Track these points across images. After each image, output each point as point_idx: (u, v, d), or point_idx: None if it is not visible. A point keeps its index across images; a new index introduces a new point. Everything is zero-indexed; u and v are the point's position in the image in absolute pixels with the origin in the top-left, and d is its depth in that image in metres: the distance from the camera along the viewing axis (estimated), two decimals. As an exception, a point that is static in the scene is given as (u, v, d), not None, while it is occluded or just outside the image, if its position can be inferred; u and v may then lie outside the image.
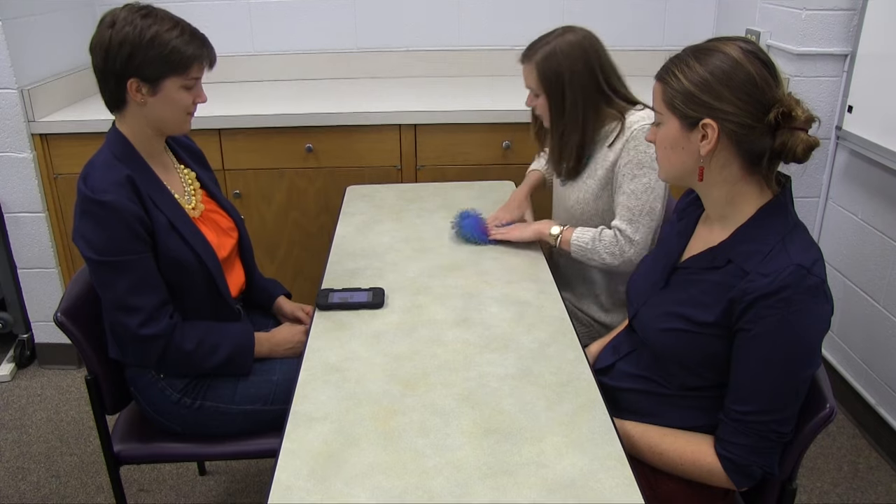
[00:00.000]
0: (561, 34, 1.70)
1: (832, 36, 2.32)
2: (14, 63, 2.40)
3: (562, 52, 1.68)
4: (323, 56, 3.09)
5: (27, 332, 2.76)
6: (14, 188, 2.53)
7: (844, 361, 2.43)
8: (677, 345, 1.23)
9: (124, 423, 1.64)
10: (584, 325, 1.88)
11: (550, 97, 1.72)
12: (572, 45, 1.68)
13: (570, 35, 1.70)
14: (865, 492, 2.09)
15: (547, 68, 1.69)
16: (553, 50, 1.68)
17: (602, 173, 1.74)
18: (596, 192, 1.76)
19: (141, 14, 1.38)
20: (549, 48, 1.69)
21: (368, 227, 1.94)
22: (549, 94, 1.72)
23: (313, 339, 1.42)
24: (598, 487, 1.03)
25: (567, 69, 1.67)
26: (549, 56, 1.68)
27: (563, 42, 1.69)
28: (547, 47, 1.69)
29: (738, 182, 1.17)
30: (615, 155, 1.70)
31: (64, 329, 1.48)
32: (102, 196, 1.36)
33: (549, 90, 1.71)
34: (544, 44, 1.71)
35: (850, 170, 2.36)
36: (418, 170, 2.61)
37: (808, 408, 1.15)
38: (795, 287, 1.07)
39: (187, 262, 1.47)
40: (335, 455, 1.10)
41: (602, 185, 1.75)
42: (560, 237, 1.77)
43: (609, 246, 1.69)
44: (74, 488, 2.15)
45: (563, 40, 1.69)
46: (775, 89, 1.11)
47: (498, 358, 1.34)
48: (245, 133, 2.54)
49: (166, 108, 1.44)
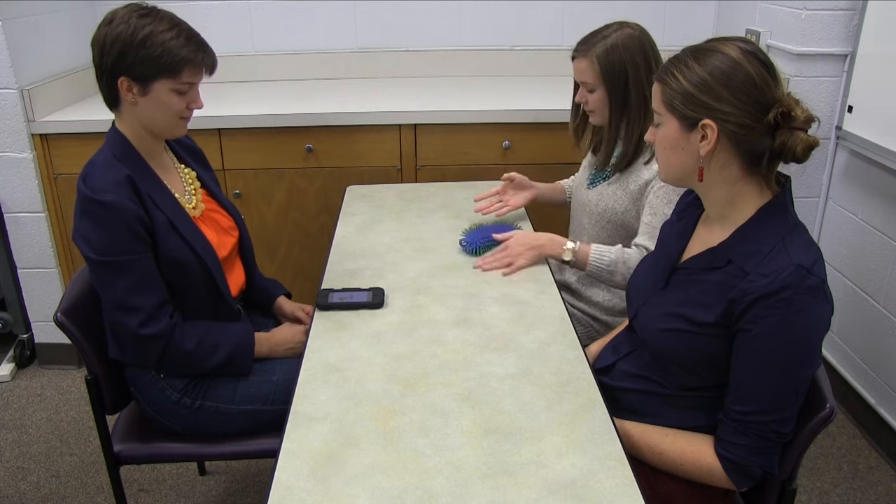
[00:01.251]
0: (618, 28, 1.69)
1: (832, 36, 2.32)
2: (14, 63, 2.40)
3: (623, 45, 1.67)
4: (323, 56, 3.10)
5: (27, 332, 2.76)
6: (14, 188, 2.53)
7: (844, 361, 2.43)
8: (677, 345, 1.23)
9: (124, 423, 1.64)
10: (584, 326, 1.88)
11: (612, 91, 1.70)
12: (633, 39, 1.68)
13: (627, 29, 1.69)
14: (865, 492, 2.09)
15: (609, 62, 1.68)
16: (614, 43, 1.67)
17: (634, 188, 1.72)
18: (626, 206, 1.75)
19: (139, 14, 1.38)
20: (608, 42, 1.68)
21: (368, 227, 1.94)
22: (611, 87, 1.70)
23: (313, 339, 1.42)
24: (598, 487, 1.03)
25: (629, 62, 1.67)
26: (610, 49, 1.67)
27: (623, 35, 1.68)
28: (606, 41, 1.68)
29: (738, 182, 1.17)
30: (651, 174, 1.69)
31: (64, 329, 1.48)
32: (102, 196, 1.36)
33: (612, 83, 1.69)
34: (601, 38, 1.69)
35: (850, 170, 2.36)
36: (418, 170, 2.61)
37: (808, 408, 1.15)
38: (795, 287, 1.07)
39: (187, 261, 1.47)
40: (335, 455, 1.10)
41: (632, 199, 1.73)
42: (575, 257, 1.68)
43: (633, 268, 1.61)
44: (74, 488, 2.15)
45: (622, 34, 1.68)
46: (774, 89, 1.11)
47: (498, 358, 1.34)
48: (245, 133, 2.54)
49: (156, 110, 1.43)
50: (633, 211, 1.74)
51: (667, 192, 1.64)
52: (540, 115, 2.53)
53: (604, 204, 1.80)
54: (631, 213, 1.75)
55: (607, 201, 1.79)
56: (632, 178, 1.74)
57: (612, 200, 1.78)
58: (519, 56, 3.10)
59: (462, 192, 2.19)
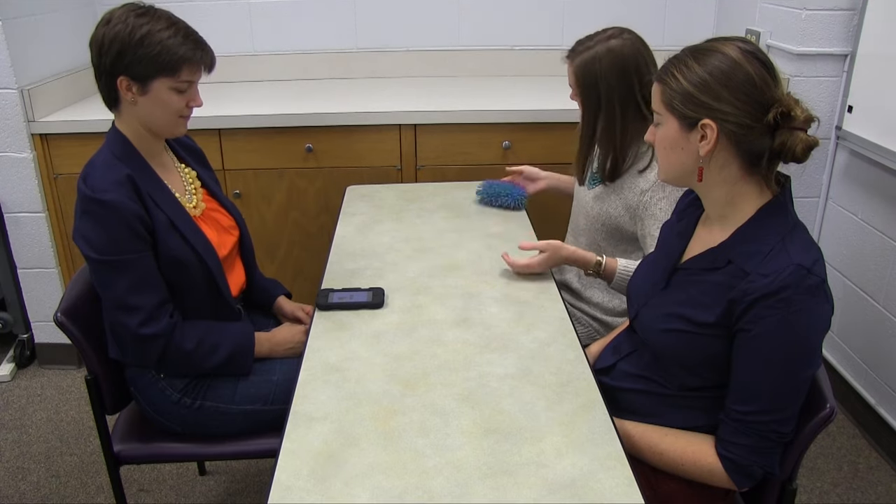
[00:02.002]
0: (606, 39, 1.66)
1: (832, 36, 2.32)
2: (14, 63, 2.40)
3: (601, 59, 1.64)
4: (323, 56, 3.09)
5: (27, 332, 2.76)
6: (14, 188, 2.53)
7: (844, 361, 2.43)
8: (678, 345, 1.23)
9: (124, 423, 1.64)
10: (584, 326, 1.88)
11: (584, 102, 1.70)
12: (613, 54, 1.63)
13: (614, 41, 1.65)
14: (865, 492, 2.09)
15: (584, 74, 1.67)
16: (593, 56, 1.64)
17: (631, 197, 1.71)
18: (620, 212, 1.74)
19: (137, 13, 1.38)
20: (589, 54, 1.65)
21: (368, 227, 1.94)
22: (584, 99, 1.70)
23: (313, 339, 1.42)
24: (598, 487, 1.03)
25: (603, 79, 1.64)
26: (588, 62, 1.65)
27: (604, 49, 1.64)
28: (588, 52, 1.66)
29: (738, 182, 1.17)
30: (647, 184, 1.67)
31: (64, 329, 1.48)
32: (103, 195, 1.36)
33: (584, 95, 1.69)
34: (587, 47, 1.67)
35: (850, 170, 2.36)
36: (418, 170, 2.61)
37: (808, 408, 1.15)
38: (795, 287, 1.07)
39: (188, 261, 1.47)
40: (335, 455, 1.10)
41: (626, 207, 1.72)
42: (604, 267, 1.65)
43: None
44: (74, 488, 2.15)
45: (605, 47, 1.64)
46: (774, 89, 1.11)
47: (498, 358, 1.34)
48: (245, 133, 2.54)
49: (156, 109, 1.43)
50: (626, 217, 1.74)
51: (670, 203, 1.62)
52: (540, 115, 2.53)
53: (598, 207, 1.80)
54: (624, 218, 1.74)
55: (602, 205, 1.79)
56: (626, 186, 1.73)
57: (607, 205, 1.78)
58: (519, 56, 3.10)
59: (462, 192, 2.19)
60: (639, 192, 1.69)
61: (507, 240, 1.85)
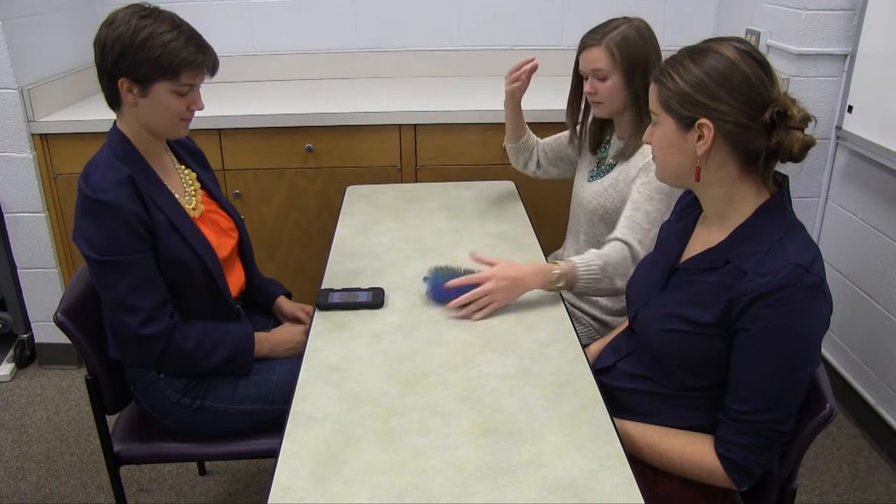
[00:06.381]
0: (626, 22, 1.71)
1: (832, 36, 2.32)
2: (14, 63, 2.40)
3: (638, 34, 1.69)
4: (323, 56, 3.09)
5: (27, 332, 2.76)
6: (14, 188, 2.53)
7: (844, 361, 2.43)
8: (677, 345, 1.23)
9: (124, 423, 1.64)
10: (584, 325, 1.88)
11: (629, 78, 1.70)
12: (645, 30, 1.71)
13: (637, 22, 1.72)
14: (865, 492, 2.09)
15: (628, 49, 1.68)
16: (627, 34, 1.69)
17: (623, 186, 1.74)
18: (617, 205, 1.76)
19: (140, 14, 1.38)
20: (624, 31, 1.69)
21: (368, 227, 1.94)
22: (630, 74, 1.69)
23: (313, 339, 1.42)
24: (598, 487, 1.03)
25: (644, 51, 1.69)
26: (626, 38, 1.68)
27: (633, 27, 1.70)
28: (617, 31, 1.69)
29: (736, 182, 1.17)
30: (643, 161, 1.69)
31: (64, 329, 1.48)
32: (103, 195, 1.36)
33: (630, 70, 1.69)
34: (612, 28, 1.70)
35: (849, 170, 2.36)
36: (418, 170, 2.61)
37: (808, 408, 1.15)
38: (794, 286, 1.07)
39: (187, 261, 1.47)
40: (335, 455, 1.10)
41: (623, 198, 1.74)
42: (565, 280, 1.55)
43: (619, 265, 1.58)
44: (74, 488, 2.15)
45: (632, 26, 1.70)
46: (770, 89, 1.11)
47: (498, 358, 1.34)
48: (245, 133, 2.54)
49: (156, 111, 1.43)
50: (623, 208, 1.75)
51: (649, 190, 1.63)
52: (540, 115, 2.52)
53: (595, 202, 1.81)
54: (621, 210, 1.75)
55: (599, 199, 1.80)
56: (622, 175, 1.75)
57: (604, 198, 1.79)
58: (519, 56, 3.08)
59: (462, 192, 2.19)
60: (630, 179, 1.71)
61: (508, 240, 1.85)
